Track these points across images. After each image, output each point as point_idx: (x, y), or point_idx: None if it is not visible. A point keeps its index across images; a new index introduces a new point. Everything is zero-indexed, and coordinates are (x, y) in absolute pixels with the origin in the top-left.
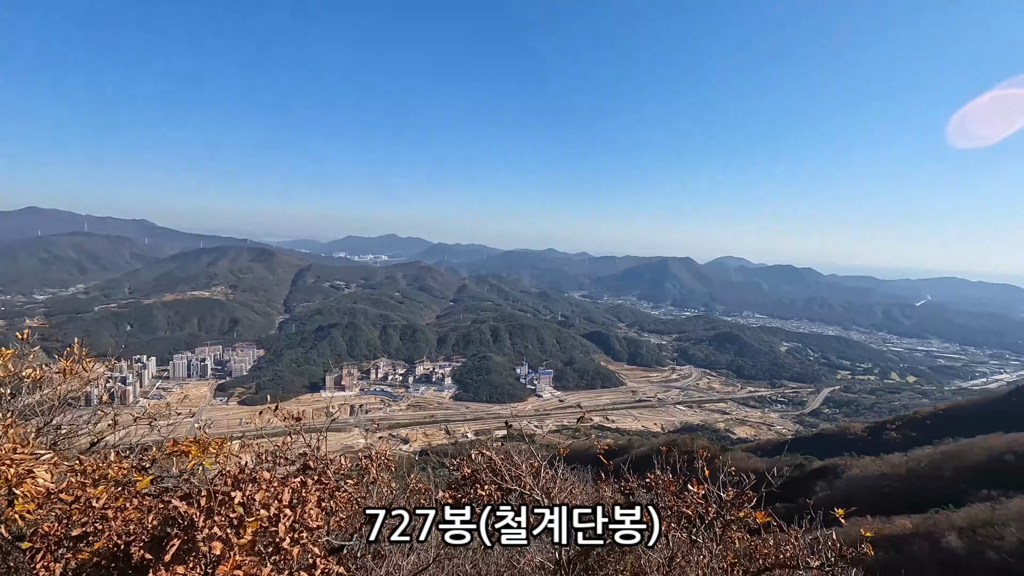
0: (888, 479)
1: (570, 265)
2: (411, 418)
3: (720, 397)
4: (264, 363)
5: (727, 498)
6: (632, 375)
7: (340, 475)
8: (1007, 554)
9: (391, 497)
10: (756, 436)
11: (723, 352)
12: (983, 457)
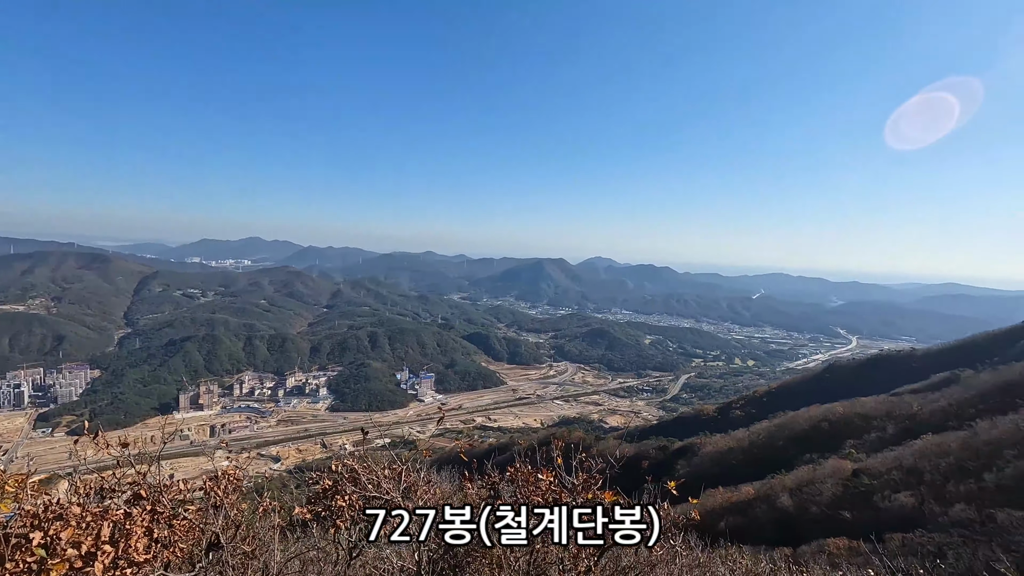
0: (734, 452)
1: (449, 268)
2: (283, 434)
3: (594, 390)
4: (100, 385)
5: (577, 482)
6: (512, 374)
7: (178, 502)
8: (824, 507)
9: (240, 519)
10: (626, 424)
11: (595, 347)
12: (806, 426)
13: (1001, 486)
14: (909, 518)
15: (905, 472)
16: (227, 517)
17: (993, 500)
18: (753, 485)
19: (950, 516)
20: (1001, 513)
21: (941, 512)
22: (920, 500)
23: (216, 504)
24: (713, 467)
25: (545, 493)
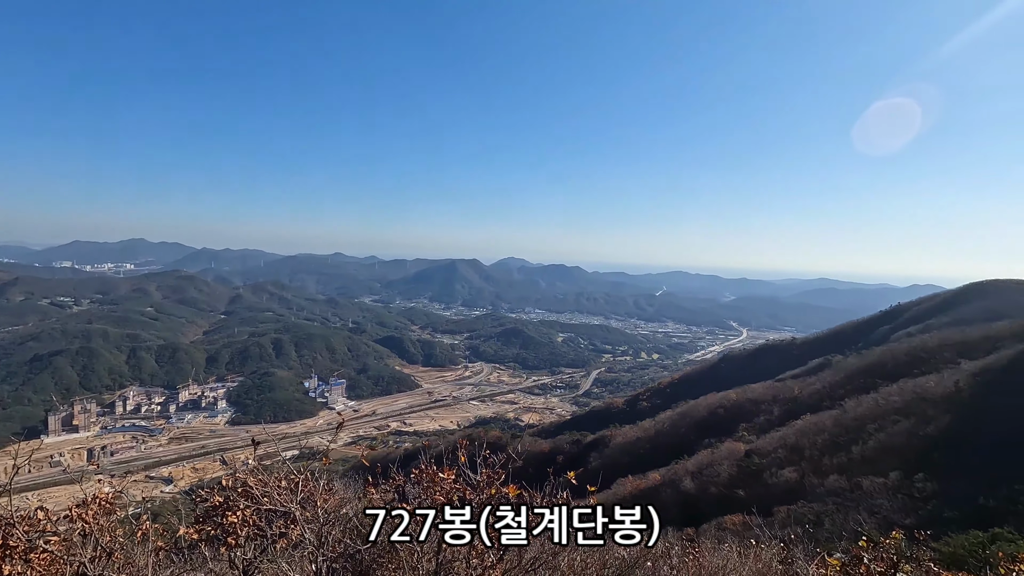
0: (642, 442)
1: (360, 270)
2: (176, 453)
3: (509, 389)
4: None
5: (481, 479)
6: (428, 376)
7: (36, 534)
8: (722, 486)
9: (113, 546)
10: (541, 421)
11: (510, 346)
12: (705, 413)
13: (866, 457)
14: (793, 491)
15: (789, 450)
16: (98, 546)
17: (859, 469)
18: (659, 471)
19: (826, 486)
20: (866, 481)
21: (819, 484)
22: (802, 474)
23: (84, 532)
24: (623, 456)
25: (448, 492)
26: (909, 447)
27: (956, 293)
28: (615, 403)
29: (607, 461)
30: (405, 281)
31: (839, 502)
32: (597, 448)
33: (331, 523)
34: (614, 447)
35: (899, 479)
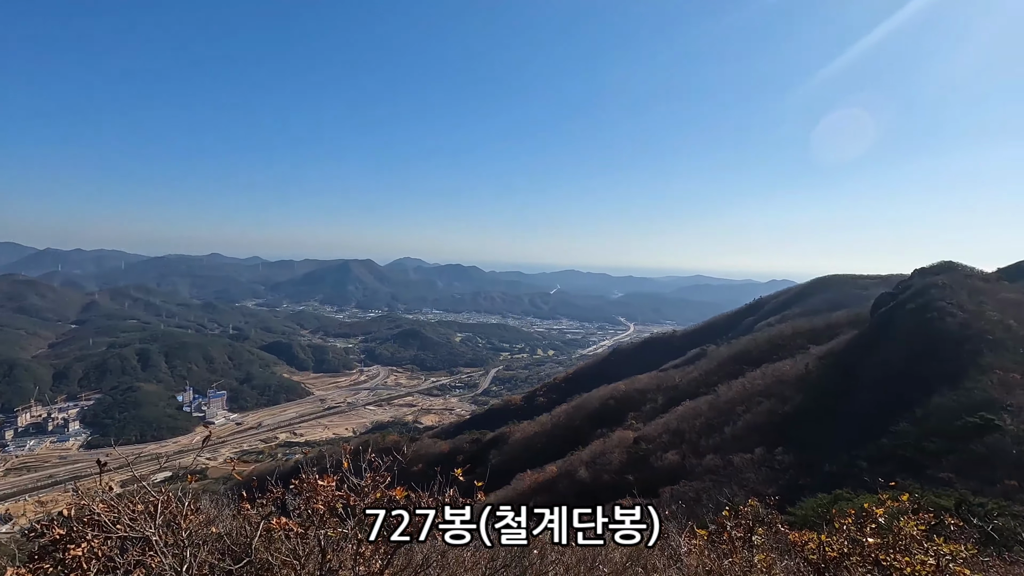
0: (540, 436)
1: (241, 271)
2: (15, 486)
3: (407, 391)
4: None
5: (364, 484)
6: (320, 383)
7: None
8: (614, 473)
9: None
10: (441, 422)
11: (407, 348)
12: (597, 404)
13: (736, 436)
14: (676, 472)
15: (672, 434)
16: None
17: (731, 448)
18: (556, 464)
19: (704, 465)
20: (736, 457)
21: (698, 463)
22: (683, 456)
23: None
24: (523, 452)
25: (330, 500)
26: (771, 425)
27: (805, 287)
28: (513, 400)
29: (506, 457)
30: (293, 283)
31: (715, 479)
32: (497, 445)
33: (196, 545)
34: (513, 443)
35: (763, 454)
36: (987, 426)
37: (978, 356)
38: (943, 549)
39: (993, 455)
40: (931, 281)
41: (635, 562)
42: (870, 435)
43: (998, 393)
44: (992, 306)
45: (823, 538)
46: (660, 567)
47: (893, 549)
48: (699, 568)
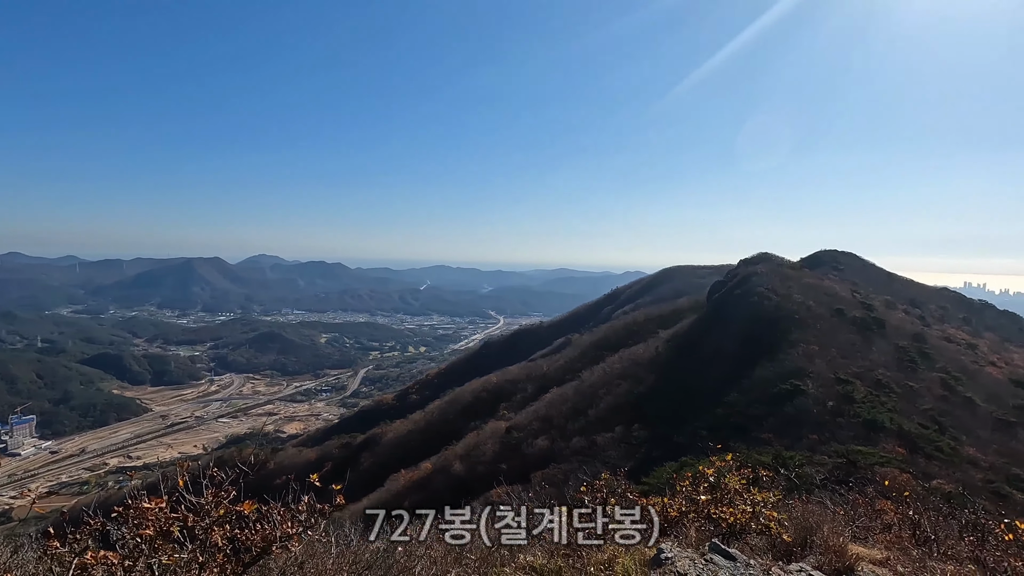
0: (414, 434)
1: (52, 273)
2: None
3: (267, 399)
4: None
5: (205, 501)
6: (160, 397)
7: None
8: (488, 464)
9: None
10: (306, 429)
11: (266, 353)
12: (470, 398)
13: (599, 417)
14: (546, 457)
15: (541, 421)
16: None
17: (595, 429)
18: (431, 460)
19: (571, 448)
20: (600, 437)
21: (565, 446)
22: (552, 440)
23: None
24: (397, 451)
25: (164, 522)
26: (629, 404)
27: (654, 277)
28: (385, 400)
29: (379, 459)
30: (122, 286)
31: (581, 459)
32: (369, 447)
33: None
34: (386, 444)
35: (622, 432)
36: (795, 391)
37: (788, 332)
38: (757, 497)
39: (800, 415)
40: (752, 270)
41: (502, 546)
42: (709, 406)
43: (803, 363)
44: (797, 290)
45: (665, 500)
46: (526, 546)
47: (720, 503)
48: (560, 542)
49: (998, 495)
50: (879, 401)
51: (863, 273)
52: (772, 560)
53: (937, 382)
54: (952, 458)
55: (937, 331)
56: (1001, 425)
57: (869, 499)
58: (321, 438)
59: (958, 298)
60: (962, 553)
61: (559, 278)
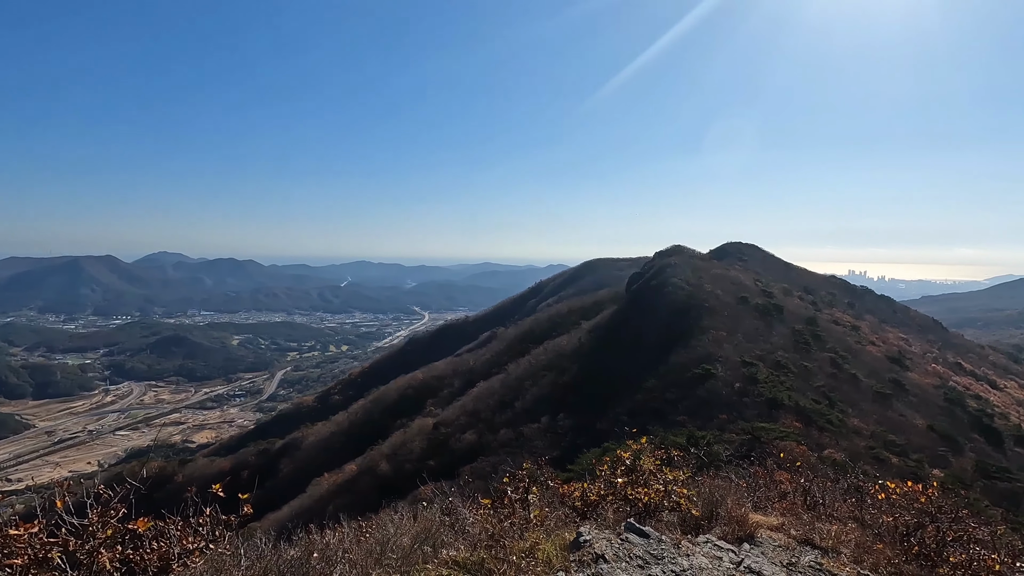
0: (337, 436)
1: None
2: None
3: (173, 408)
4: None
5: (89, 522)
6: (45, 411)
7: None
8: (415, 461)
9: None
10: (218, 437)
11: (170, 358)
12: (396, 396)
13: (525, 409)
14: (474, 450)
15: (469, 415)
16: None
17: (522, 420)
18: (356, 462)
19: (499, 440)
20: (526, 428)
21: (493, 439)
22: (480, 434)
23: None
24: (319, 455)
25: (40, 548)
26: (554, 395)
27: (576, 270)
28: (305, 402)
29: (301, 464)
30: None
31: (509, 451)
32: (289, 453)
33: None
34: (308, 448)
35: (548, 422)
36: (706, 375)
37: (699, 320)
38: (669, 476)
39: (711, 397)
40: (666, 262)
41: (424, 542)
42: (629, 393)
43: (713, 348)
44: (707, 280)
45: (585, 485)
46: (448, 541)
47: (636, 484)
48: (482, 534)
49: (877, 460)
50: (779, 381)
51: (764, 263)
52: (682, 534)
53: (827, 361)
54: (840, 429)
55: (827, 315)
56: (879, 397)
57: (768, 471)
58: (236, 446)
59: (844, 285)
60: (845, 513)
61: (483, 272)
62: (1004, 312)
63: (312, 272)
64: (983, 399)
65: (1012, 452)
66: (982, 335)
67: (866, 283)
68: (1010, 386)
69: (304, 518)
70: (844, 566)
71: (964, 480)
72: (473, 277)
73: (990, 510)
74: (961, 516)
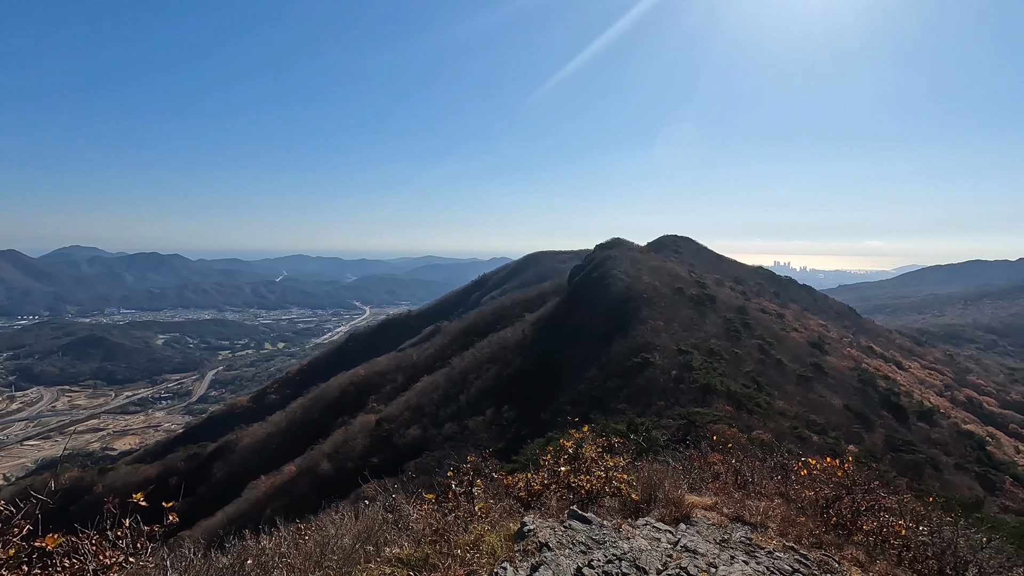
0: (275, 436)
1: None
2: None
3: (89, 414)
4: None
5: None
6: None
7: None
8: (357, 459)
9: None
10: (143, 443)
11: (86, 360)
12: (336, 393)
13: (470, 402)
14: (418, 446)
15: (412, 410)
16: None
17: (466, 413)
18: (295, 462)
19: (443, 434)
20: (471, 421)
21: (438, 433)
22: (424, 429)
23: None
24: (255, 457)
25: None
26: (498, 387)
27: (520, 263)
28: (240, 402)
29: (235, 468)
30: None
31: (454, 444)
32: (222, 456)
33: None
34: (243, 450)
35: (493, 414)
36: (645, 364)
37: (638, 311)
38: (609, 463)
39: (650, 385)
40: (607, 254)
41: (366, 542)
42: (572, 383)
43: (651, 337)
44: (645, 272)
45: (529, 476)
46: (392, 539)
47: (579, 472)
48: (426, 529)
49: (800, 438)
50: (712, 367)
51: (698, 255)
52: (623, 518)
53: (755, 348)
54: (767, 411)
55: (755, 304)
56: (802, 380)
57: (703, 454)
58: (163, 451)
59: (770, 275)
60: (772, 490)
61: (426, 265)
62: (909, 299)
63: (245, 267)
64: (891, 379)
65: (916, 427)
66: (890, 320)
67: (789, 273)
68: (914, 366)
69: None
70: (771, 539)
71: (875, 454)
72: (415, 271)
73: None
74: (872, 487)
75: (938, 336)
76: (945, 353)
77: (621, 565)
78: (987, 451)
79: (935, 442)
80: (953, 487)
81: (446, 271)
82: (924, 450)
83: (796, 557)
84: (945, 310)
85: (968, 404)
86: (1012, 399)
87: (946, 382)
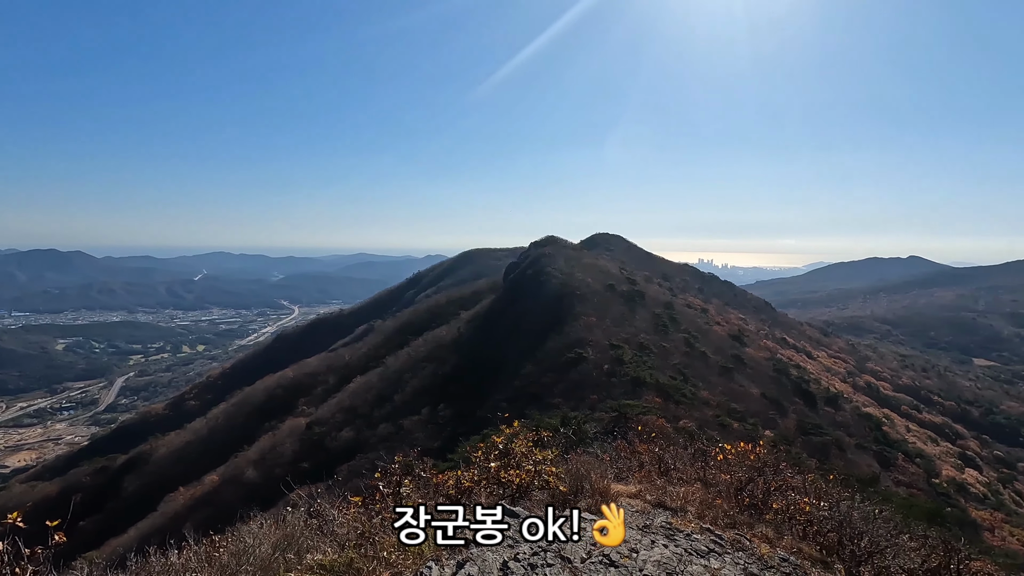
0: (194, 445)
1: None
2: None
3: None
4: None
5: None
6: None
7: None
8: (287, 465)
9: None
10: (41, 458)
11: None
12: (263, 397)
13: (405, 402)
14: (352, 448)
15: (345, 412)
16: None
17: (401, 413)
18: (218, 471)
19: (378, 435)
20: (407, 421)
21: (372, 435)
22: (358, 431)
23: None
24: (173, 468)
25: None
26: (434, 386)
27: (455, 260)
28: (154, 410)
29: (150, 479)
30: None
31: (388, 445)
32: (135, 468)
33: None
34: (158, 461)
35: (429, 413)
36: (579, 359)
37: (572, 307)
38: (539, 457)
39: (583, 379)
40: (541, 252)
41: (286, 549)
42: (508, 379)
43: (584, 333)
44: (579, 269)
45: (460, 473)
46: (314, 545)
47: (509, 467)
48: (351, 533)
49: (722, 426)
50: (642, 361)
51: (628, 252)
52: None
53: (682, 341)
54: (693, 401)
55: (681, 299)
56: (724, 371)
57: (631, 444)
58: (64, 467)
59: (694, 272)
60: (692, 476)
61: (358, 263)
62: (817, 294)
63: (159, 264)
64: (802, 368)
65: (823, 411)
66: (801, 313)
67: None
68: (821, 356)
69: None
70: (690, 523)
71: (788, 438)
72: (348, 268)
73: (807, 461)
74: (781, 469)
75: (842, 327)
76: (848, 343)
77: (547, 556)
78: (883, 431)
79: (840, 424)
80: (855, 465)
81: (380, 269)
82: (830, 432)
83: (712, 538)
84: (848, 303)
85: (867, 389)
86: (903, 383)
87: (849, 369)
